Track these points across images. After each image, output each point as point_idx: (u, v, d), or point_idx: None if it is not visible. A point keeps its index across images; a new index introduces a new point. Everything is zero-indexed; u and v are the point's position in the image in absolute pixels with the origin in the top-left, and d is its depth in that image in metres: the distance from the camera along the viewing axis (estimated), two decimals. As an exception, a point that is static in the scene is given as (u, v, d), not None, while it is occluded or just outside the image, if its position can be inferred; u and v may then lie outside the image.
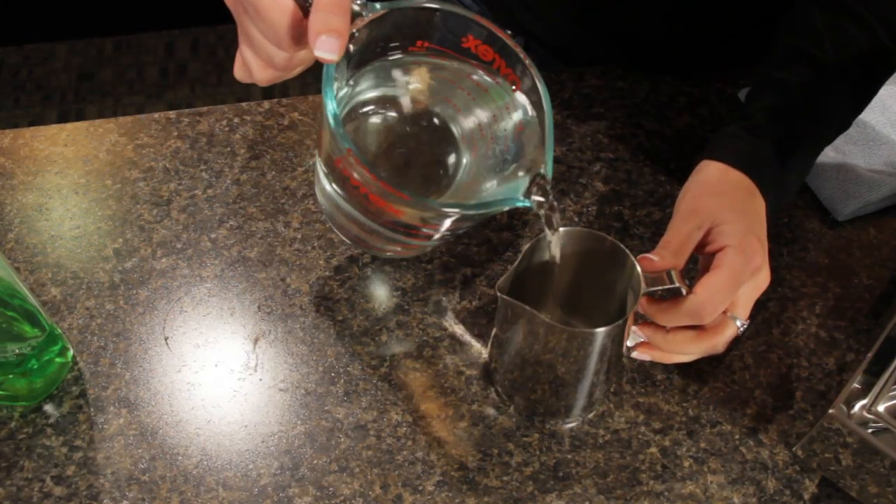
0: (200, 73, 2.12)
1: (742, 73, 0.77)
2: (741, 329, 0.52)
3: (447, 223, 0.48)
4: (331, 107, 0.42)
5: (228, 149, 0.70)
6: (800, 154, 0.58)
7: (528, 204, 0.46)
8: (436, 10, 0.46)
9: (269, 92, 2.04)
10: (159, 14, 2.20)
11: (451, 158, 0.51)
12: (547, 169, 0.46)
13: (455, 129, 0.51)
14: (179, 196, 0.66)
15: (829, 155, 0.70)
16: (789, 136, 0.56)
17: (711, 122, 0.74)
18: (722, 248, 0.50)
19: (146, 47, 2.19)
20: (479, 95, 0.50)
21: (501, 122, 0.50)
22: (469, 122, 0.51)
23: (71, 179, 0.67)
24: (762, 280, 0.52)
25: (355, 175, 0.44)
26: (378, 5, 0.44)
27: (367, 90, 0.50)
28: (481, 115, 0.50)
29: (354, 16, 0.43)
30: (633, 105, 0.75)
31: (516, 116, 0.49)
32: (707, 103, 0.75)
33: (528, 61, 0.47)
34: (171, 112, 0.73)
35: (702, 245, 0.52)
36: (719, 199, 0.53)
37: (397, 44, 0.48)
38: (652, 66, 0.77)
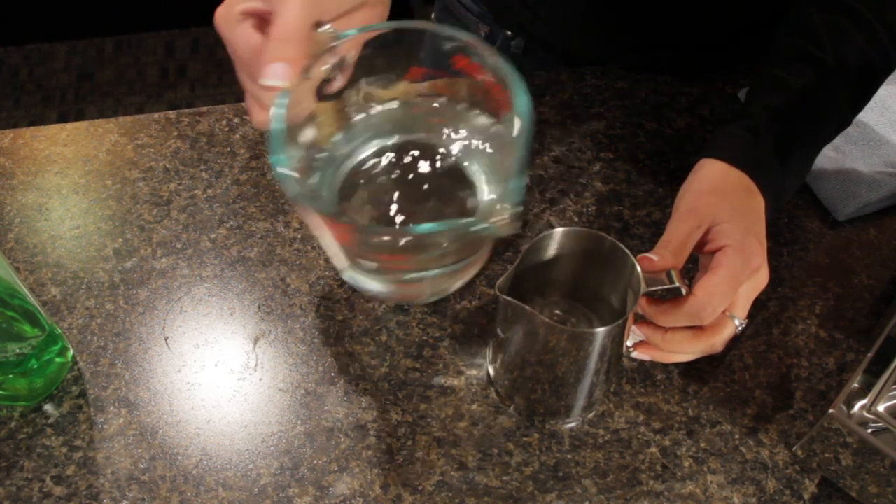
0: (200, 73, 2.12)
1: (742, 73, 0.77)
2: (739, 328, 0.52)
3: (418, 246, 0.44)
4: (281, 171, 0.40)
5: (228, 149, 0.70)
6: (800, 153, 0.58)
7: (489, 229, 0.40)
8: (420, 30, 0.45)
9: (269, 92, 2.04)
10: (159, 14, 2.20)
11: (466, 188, 0.49)
12: (512, 191, 0.40)
13: (463, 161, 0.49)
14: (179, 196, 0.66)
15: (829, 155, 0.70)
16: (789, 135, 0.56)
17: (711, 122, 0.74)
18: (721, 248, 0.50)
19: (146, 47, 2.19)
20: (466, 118, 0.49)
21: (482, 139, 0.49)
22: (466, 147, 0.50)
23: (71, 179, 0.67)
24: (761, 280, 0.52)
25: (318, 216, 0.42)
26: (351, 32, 0.43)
27: (362, 144, 0.49)
28: (471, 137, 0.49)
29: (323, 44, 0.42)
30: (633, 105, 0.75)
31: (498, 136, 0.48)
32: (707, 103, 0.75)
33: (512, 73, 0.44)
34: (171, 112, 0.73)
35: (701, 244, 0.52)
36: (719, 199, 0.53)
37: (387, 74, 0.47)
38: (652, 67, 0.77)
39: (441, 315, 0.60)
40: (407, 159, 0.49)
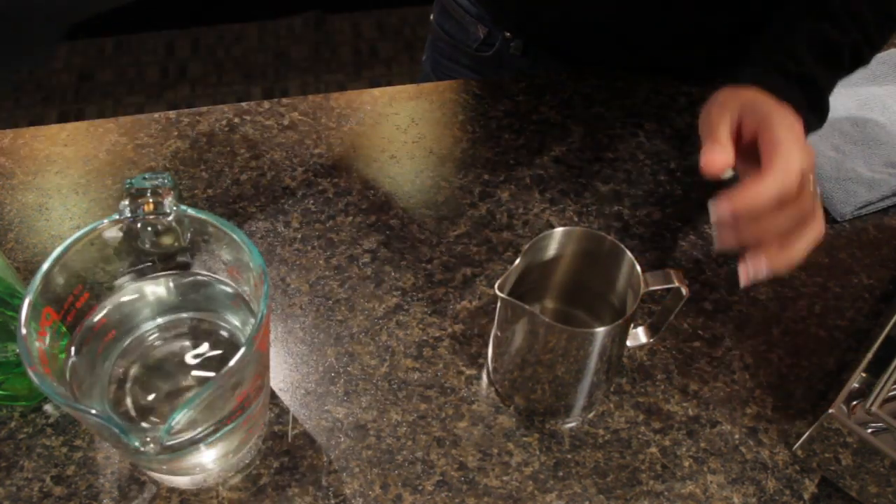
0: (200, 73, 2.12)
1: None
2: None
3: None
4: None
5: (228, 149, 0.70)
6: (819, 83, 0.58)
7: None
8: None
9: (269, 92, 2.05)
10: (159, 14, 2.20)
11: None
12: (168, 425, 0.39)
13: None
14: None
15: (829, 155, 0.70)
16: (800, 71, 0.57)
17: (711, 122, 0.74)
18: (762, 117, 0.50)
19: (146, 47, 2.19)
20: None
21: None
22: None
23: (71, 179, 0.67)
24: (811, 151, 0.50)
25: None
26: (190, 210, 0.45)
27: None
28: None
29: (158, 208, 0.44)
30: (633, 105, 0.75)
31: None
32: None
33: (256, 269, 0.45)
34: (171, 112, 0.73)
35: (738, 130, 0.52)
36: (744, 92, 0.53)
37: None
38: (652, 67, 0.77)
39: (441, 315, 0.60)
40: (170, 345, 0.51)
